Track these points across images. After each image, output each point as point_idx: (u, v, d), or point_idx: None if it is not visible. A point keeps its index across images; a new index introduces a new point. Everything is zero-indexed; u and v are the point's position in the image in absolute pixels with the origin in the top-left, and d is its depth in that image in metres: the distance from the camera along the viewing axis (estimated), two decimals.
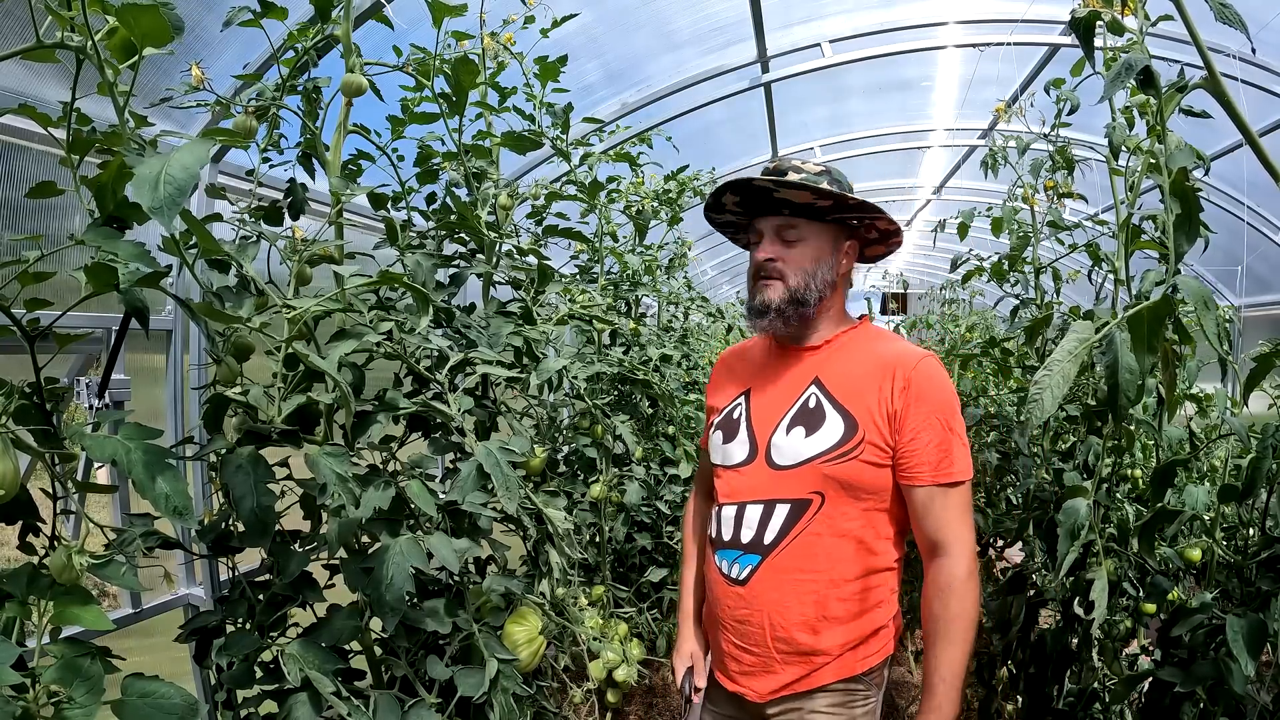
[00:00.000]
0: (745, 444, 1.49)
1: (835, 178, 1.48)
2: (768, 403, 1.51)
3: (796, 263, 1.46)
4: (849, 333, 1.53)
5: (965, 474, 1.39)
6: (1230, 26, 0.90)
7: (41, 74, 1.67)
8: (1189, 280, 0.91)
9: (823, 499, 1.40)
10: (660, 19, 3.53)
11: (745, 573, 1.45)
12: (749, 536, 1.45)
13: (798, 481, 1.42)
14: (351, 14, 1.47)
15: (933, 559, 1.40)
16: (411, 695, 1.44)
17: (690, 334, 4.16)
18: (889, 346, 1.49)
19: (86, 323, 1.73)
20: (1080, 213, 2.90)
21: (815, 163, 1.49)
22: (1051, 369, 0.82)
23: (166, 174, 0.85)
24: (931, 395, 1.39)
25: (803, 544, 1.41)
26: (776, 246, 1.47)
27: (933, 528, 1.38)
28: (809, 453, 1.41)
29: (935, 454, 1.38)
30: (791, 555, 1.42)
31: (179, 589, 2.06)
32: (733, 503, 1.48)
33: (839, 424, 1.41)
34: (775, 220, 1.47)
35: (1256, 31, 2.80)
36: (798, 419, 1.45)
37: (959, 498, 1.39)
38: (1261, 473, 1.41)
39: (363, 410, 1.42)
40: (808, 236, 1.47)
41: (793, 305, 1.46)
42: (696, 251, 4.86)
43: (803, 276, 1.46)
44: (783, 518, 1.42)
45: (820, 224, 1.47)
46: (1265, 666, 1.52)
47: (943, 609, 1.36)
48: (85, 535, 1.07)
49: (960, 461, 1.39)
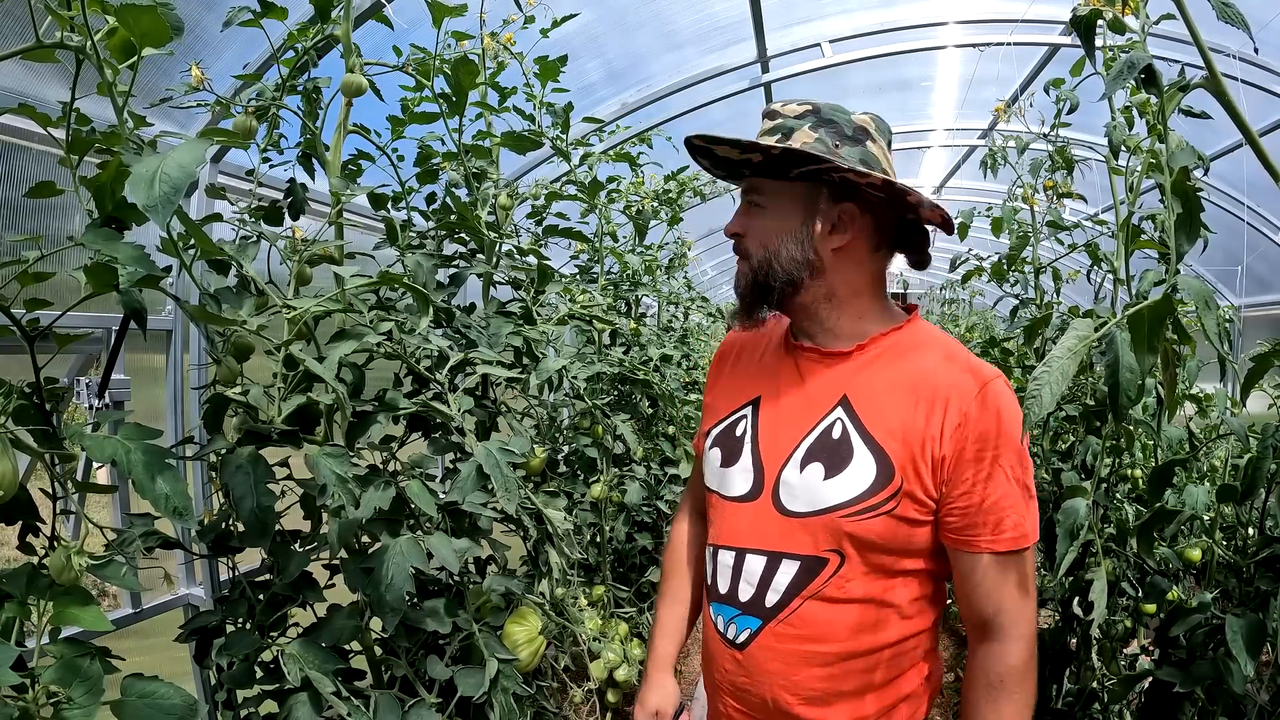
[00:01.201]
0: (749, 474, 1.18)
1: (826, 116, 1.11)
2: (780, 423, 1.18)
3: (758, 237, 1.14)
4: (891, 336, 1.16)
5: (1032, 536, 1.09)
6: (1232, 26, 0.90)
7: (41, 74, 1.67)
8: (1190, 280, 0.91)
9: (842, 559, 1.10)
10: (661, 19, 3.53)
11: (743, 637, 1.17)
12: (748, 595, 1.16)
13: (811, 535, 1.11)
14: (351, 14, 1.47)
15: (982, 640, 1.12)
16: (411, 695, 1.44)
17: (690, 334, 4.17)
18: (945, 359, 1.13)
19: (86, 323, 1.73)
20: (1080, 213, 2.90)
21: (801, 102, 1.14)
22: (1050, 365, 0.82)
23: (162, 173, 0.85)
24: (997, 436, 1.06)
25: (813, 610, 1.12)
26: (743, 217, 1.17)
27: (984, 603, 1.10)
28: (828, 500, 1.10)
29: (995, 514, 1.07)
30: (797, 624, 1.13)
31: (179, 589, 2.06)
32: (730, 548, 1.19)
33: (869, 466, 1.09)
34: (744, 185, 1.18)
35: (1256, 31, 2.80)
36: (816, 452, 1.13)
37: (1020, 567, 1.09)
38: (1261, 473, 1.41)
39: (363, 410, 1.42)
40: (769, 202, 1.14)
41: (754, 291, 1.15)
42: (696, 251, 4.86)
43: (762, 254, 1.14)
44: (790, 577, 1.13)
45: (785, 183, 1.12)
46: (1264, 666, 1.52)
47: (990, 706, 1.09)
48: (85, 535, 1.07)
49: (1026, 520, 1.08)
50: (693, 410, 3.51)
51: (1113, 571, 1.92)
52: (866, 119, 1.15)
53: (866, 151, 1.11)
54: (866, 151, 1.11)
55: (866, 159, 1.11)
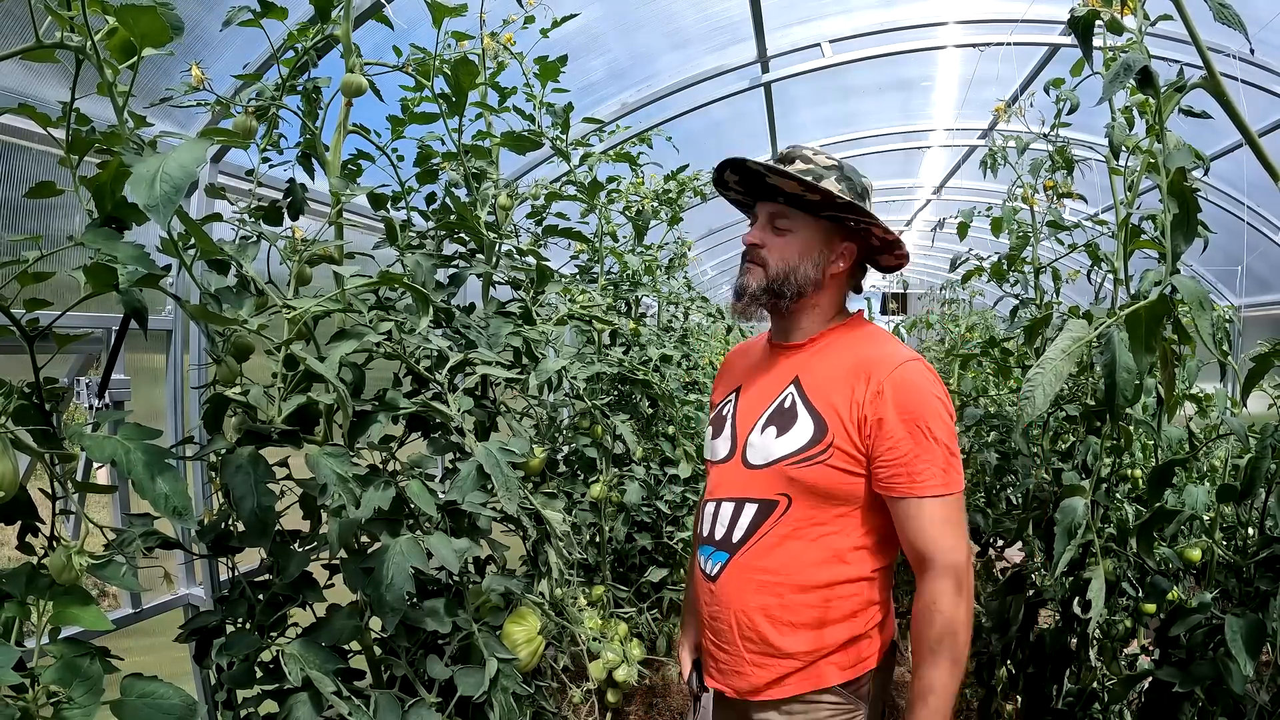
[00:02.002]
0: (728, 441, 1.49)
1: (846, 174, 1.43)
2: (751, 401, 1.49)
3: (780, 252, 1.43)
4: (836, 331, 1.48)
5: (950, 486, 1.31)
6: (1229, 27, 0.90)
7: (41, 74, 1.67)
8: (1186, 280, 0.91)
9: (789, 501, 1.37)
10: (662, 18, 3.53)
11: (716, 569, 1.45)
12: (720, 533, 1.44)
13: (765, 482, 1.40)
14: (351, 14, 1.47)
15: (921, 574, 1.33)
16: (411, 695, 1.44)
17: (690, 334, 4.16)
18: (873, 348, 1.42)
19: (86, 323, 1.73)
20: (1080, 213, 2.90)
21: (828, 156, 1.44)
22: (1044, 366, 0.82)
23: (163, 172, 0.85)
24: (908, 402, 1.32)
25: (767, 545, 1.39)
26: (765, 233, 1.45)
27: (914, 541, 1.32)
28: (778, 453, 1.38)
29: (914, 465, 1.30)
30: (755, 555, 1.40)
31: (179, 589, 2.06)
32: (712, 499, 1.48)
33: (809, 425, 1.37)
34: (770, 206, 1.45)
35: (1256, 31, 2.79)
36: (773, 418, 1.42)
37: (944, 509, 1.31)
38: (1260, 472, 1.41)
39: (362, 410, 1.42)
40: (798, 229, 1.43)
41: (768, 294, 1.43)
42: (696, 251, 4.86)
43: (783, 267, 1.42)
44: (749, 517, 1.41)
45: (813, 218, 1.43)
46: (1264, 666, 1.52)
47: (926, 627, 1.30)
48: (85, 535, 1.07)
49: (944, 473, 1.31)
50: (693, 410, 3.51)
51: (1113, 571, 1.92)
52: (868, 183, 1.47)
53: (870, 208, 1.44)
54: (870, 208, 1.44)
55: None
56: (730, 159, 1.43)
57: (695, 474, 3.20)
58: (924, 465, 1.30)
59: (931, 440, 1.31)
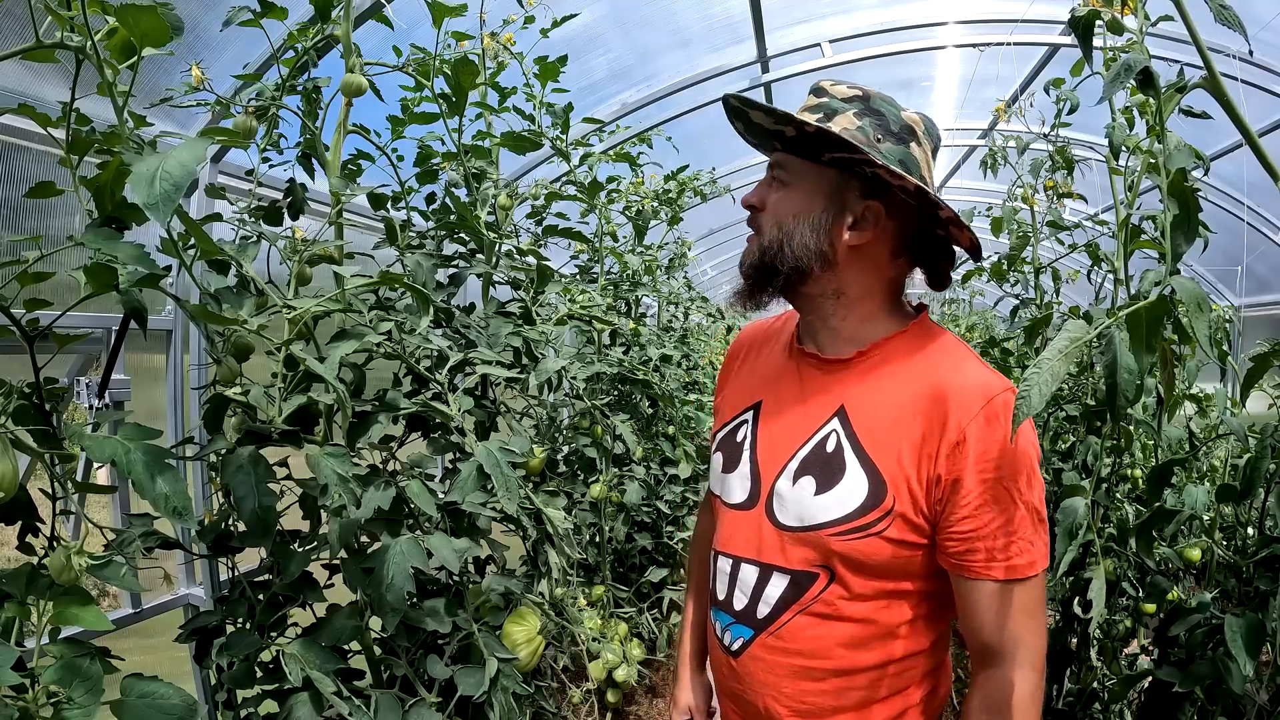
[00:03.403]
0: (746, 481, 1.16)
1: (874, 106, 1.06)
2: (778, 430, 1.14)
3: (774, 214, 1.08)
4: (896, 340, 1.10)
5: (1039, 563, 1.00)
6: (1229, 28, 0.90)
7: (41, 74, 1.67)
8: (1184, 281, 0.91)
9: (831, 577, 1.06)
10: (663, 17, 3.53)
11: (737, 645, 1.15)
12: (742, 604, 1.14)
13: (800, 550, 1.08)
14: (351, 14, 1.47)
15: (984, 666, 1.04)
16: (411, 695, 1.44)
17: (690, 334, 4.17)
18: (950, 372, 1.04)
19: (86, 323, 1.73)
20: (1080, 213, 2.91)
21: (853, 86, 1.09)
22: (1041, 367, 0.82)
23: (163, 171, 0.85)
24: (998, 456, 0.98)
25: (800, 625, 1.08)
26: (765, 190, 1.10)
27: (988, 631, 1.02)
28: (817, 517, 1.05)
29: (998, 540, 0.99)
30: (787, 637, 1.10)
31: (179, 589, 2.06)
32: (728, 555, 1.17)
33: (861, 483, 1.03)
34: (773, 156, 1.12)
35: (1256, 32, 2.78)
36: (809, 464, 1.08)
37: (1026, 594, 1.00)
38: (1260, 472, 1.41)
39: (363, 410, 1.42)
40: (793, 181, 1.08)
41: (758, 271, 1.09)
42: (696, 251, 4.86)
43: (775, 232, 1.06)
44: (779, 591, 1.09)
45: (815, 165, 1.06)
46: (1264, 666, 1.52)
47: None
48: (85, 536, 1.07)
49: (1032, 546, 1.00)
50: (693, 410, 3.51)
51: (1113, 571, 1.92)
52: (917, 118, 1.09)
53: (908, 153, 1.05)
54: (908, 153, 1.05)
55: (906, 160, 1.04)
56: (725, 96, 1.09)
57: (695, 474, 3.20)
58: (1010, 540, 0.99)
59: (1020, 506, 0.99)
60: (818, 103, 1.07)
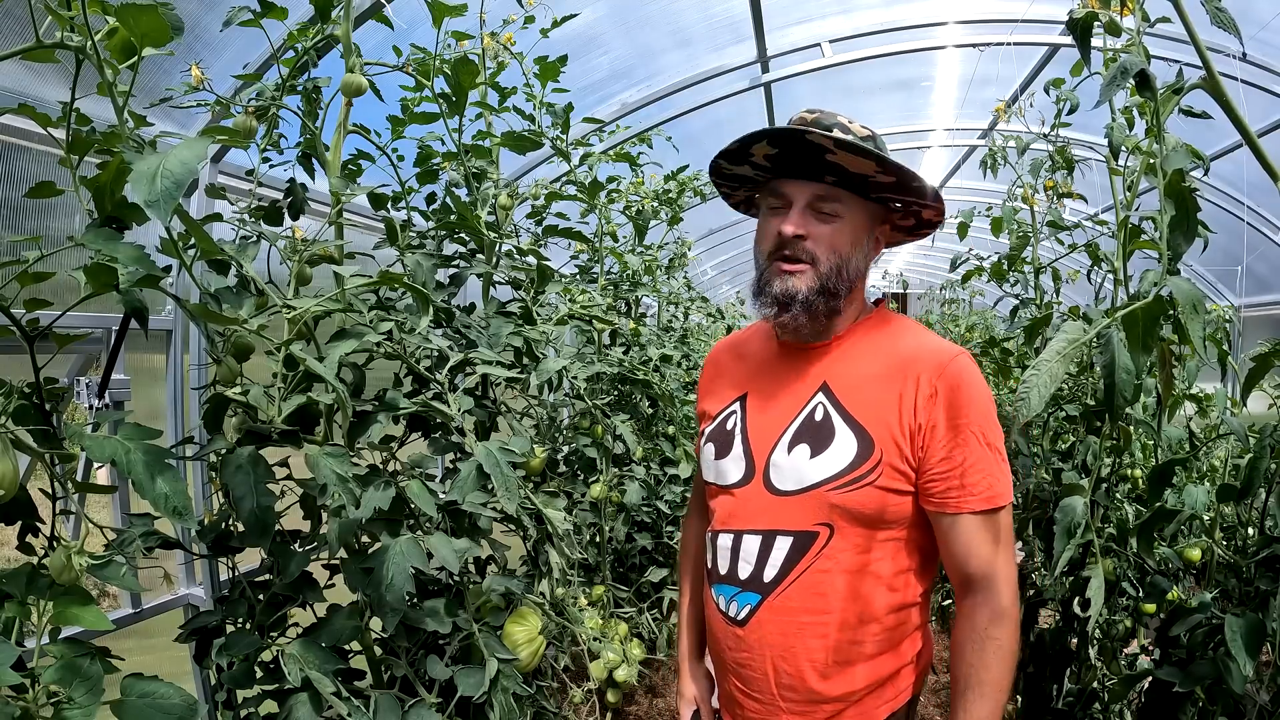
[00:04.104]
0: (741, 462, 1.27)
1: (879, 145, 1.21)
2: (767, 412, 1.28)
3: (831, 244, 1.19)
4: (863, 325, 1.27)
5: (1005, 496, 1.16)
6: (1225, 31, 0.90)
7: (41, 74, 1.67)
8: (1180, 282, 0.91)
9: (831, 531, 1.18)
10: (664, 17, 3.53)
11: (744, 613, 1.23)
12: (747, 572, 1.23)
13: (801, 511, 1.19)
14: (351, 14, 1.47)
15: (966, 595, 1.18)
16: (411, 695, 1.44)
17: (690, 334, 4.17)
18: (913, 342, 1.23)
19: (86, 323, 1.73)
20: (1080, 213, 2.90)
21: (862, 125, 1.22)
22: (1039, 369, 0.82)
23: (164, 169, 0.85)
24: (967, 406, 1.15)
25: (808, 582, 1.19)
26: (808, 220, 1.19)
27: (966, 561, 1.16)
28: (814, 477, 1.18)
29: (969, 476, 1.14)
30: (795, 595, 1.20)
31: (179, 589, 2.06)
32: (729, 531, 1.26)
33: (851, 442, 1.17)
34: (813, 188, 1.19)
35: (1257, 32, 2.79)
36: (802, 434, 1.21)
37: (996, 525, 1.16)
38: (1259, 472, 1.41)
39: (363, 410, 1.42)
40: (847, 214, 1.20)
41: (822, 297, 1.19)
42: (696, 251, 4.86)
43: (835, 262, 1.19)
44: (784, 552, 1.20)
45: (864, 201, 1.21)
46: (1264, 666, 1.52)
47: (977, 655, 1.14)
48: (85, 535, 1.08)
49: (1000, 483, 1.15)
50: (693, 410, 3.51)
51: (1113, 571, 1.92)
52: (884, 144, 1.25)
53: None
54: None
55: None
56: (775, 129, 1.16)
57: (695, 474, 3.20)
58: (979, 476, 1.14)
59: (986, 447, 1.15)
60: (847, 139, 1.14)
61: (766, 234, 1.23)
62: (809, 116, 1.21)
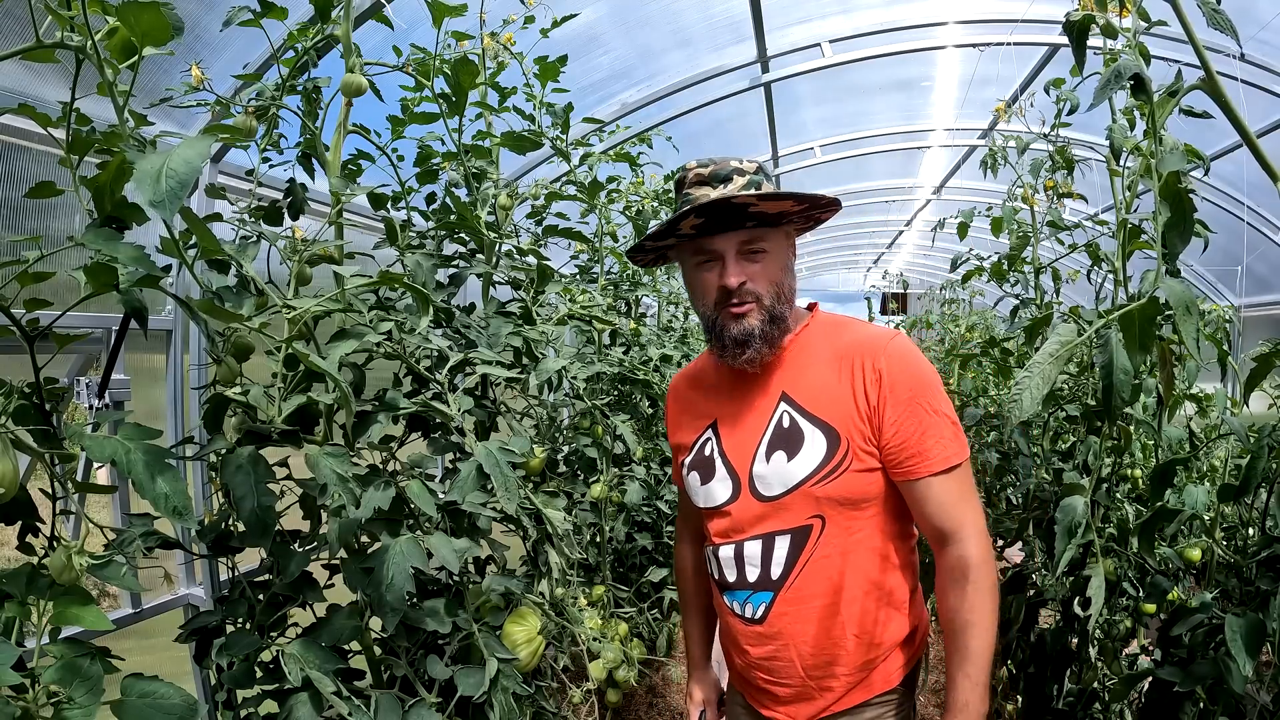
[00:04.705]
0: (726, 480, 1.38)
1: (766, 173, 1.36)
2: (739, 431, 1.39)
3: (768, 278, 1.32)
4: (806, 331, 1.40)
5: (959, 455, 1.28)
6: (1221, 32, 0.90)
7: (41, 74, 1.67)
8: (1173, 284, 0.91)
9: (823, 521, 1.30)
10: (664, 17, 3.53)
11: (760, 611, 1.35)
12: (755, 575, 1.34)
13: (792, 509, 1.31)
14: (351, 14, 1.47)
15: (943, 548, 1.29)
16: (411, 695, 1.44)
17: (690, 334, 4.16)
18: (850, 335, 1.36)
19: (86, 323, 1.74)
20: (1080, 213, 2.91)
21: (749, 159, 1.35)
22: (1033, 370, 0.83)
23: (168, 168, 0.85)
24: (907, 380, 1.28)
25: (813, 570, 1.31)
26: (743, 266, 1.31)
27: (937, 517, 1.28)
28: (797, 477, 1.30)
29: (924, 443, 1.27)
30: (804, 584, 1.32)
31: (179, 589, 2.06)
32: (729, 542, 1.37)
33: (820, 440, 1.30)
34: (739, 236, 1.30)
35: (1257, 31, 2.78)
36: (775, 443, 1.33)
37: (957, 481, 1.28)
38: (1257, 471, 1.41)
39: (363, 410, 1.42)
40: (771, 246, 1.33)
41: (774, 325, 1.33)
42: None
43: (775, 291, 1.33)
44: (785, 549, 1.32)
45: (779, 229, 1.35)
46: (1264, 666, 1.52)
47: (959, 599, 1.25)
48: (85, 535, 1.08)
49: (951, 443, 1.28)
50: None
51: (1114, 571, 1.92)
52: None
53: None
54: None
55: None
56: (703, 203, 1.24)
57: None
58: (933, 441, 1.26)
59: (934, 413, 1.27)
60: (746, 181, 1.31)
61: (706, 288, 1.34)
62: (704, 172, 1.32)
